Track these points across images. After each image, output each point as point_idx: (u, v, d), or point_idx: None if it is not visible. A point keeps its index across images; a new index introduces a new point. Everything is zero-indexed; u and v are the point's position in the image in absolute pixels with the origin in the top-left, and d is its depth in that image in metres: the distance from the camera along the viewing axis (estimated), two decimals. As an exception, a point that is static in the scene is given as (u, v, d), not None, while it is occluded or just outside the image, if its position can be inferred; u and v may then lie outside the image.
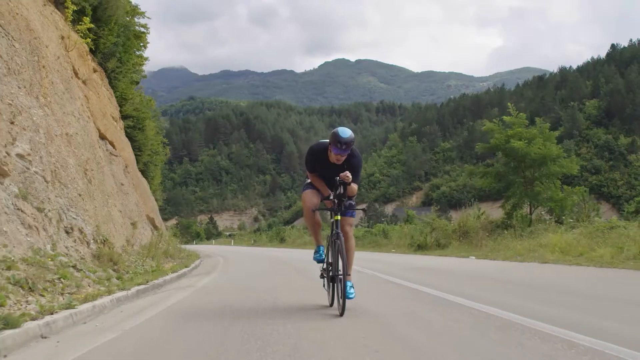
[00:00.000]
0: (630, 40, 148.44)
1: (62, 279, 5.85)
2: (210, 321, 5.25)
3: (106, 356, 3.88)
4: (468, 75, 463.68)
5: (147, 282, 8.12)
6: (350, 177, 5.55)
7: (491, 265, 14.07)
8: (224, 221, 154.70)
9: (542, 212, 23.21)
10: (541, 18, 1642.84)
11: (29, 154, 7.65)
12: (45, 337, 4.27)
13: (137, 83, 26.58)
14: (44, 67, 9.56)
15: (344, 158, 5.59)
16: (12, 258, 5.52)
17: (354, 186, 5.68)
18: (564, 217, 19.87)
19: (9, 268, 5.19)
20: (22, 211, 6.88)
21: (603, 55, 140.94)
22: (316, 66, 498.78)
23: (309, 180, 6.07)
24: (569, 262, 12.85)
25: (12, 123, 7.39)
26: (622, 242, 12.72)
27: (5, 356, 3.68)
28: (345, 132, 5.47)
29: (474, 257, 17.51)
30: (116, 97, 19.30)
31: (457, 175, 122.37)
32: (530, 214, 22.73)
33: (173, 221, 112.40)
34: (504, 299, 6.54)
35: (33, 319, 4.32)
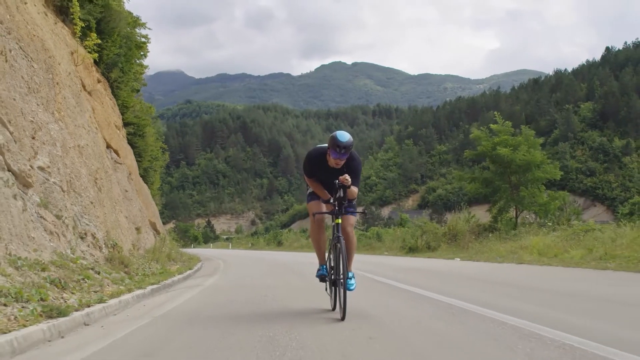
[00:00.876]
0: (625, 42, 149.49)
1: (85, 279, 6.63)
2: (222, 310, 6.48)
3: (148, 333, 4.92)
4: (464, 77, 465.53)
5: (159, 282, 8.99)
6: (350, 180, 5.49)
7: (472, 266, 15.00)
8: (221, 225, 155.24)
9: (527, 216, 24.16)
10: (537, 20, 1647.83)
11: (48, 166, 8.37)
12: (88, 325, 5.18)
13: (138, 91, 27.22)
14: (57, 83, 10.28)
15: (343, 162, 5.56)
16: (43, 261, 6.29)
17: (354, 189, 5.64)
18: (546, 221, 20.78)
19: (43, 269, 5.98)
20: (44, 219, 7.60)
21: (598, 57, 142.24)
22: (313, 69, 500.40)
23: (310, 190, 6.08)
24: (542, 262, 13.82)
25: (33, 138, 8.11)
26: (592, 245, 13.66)
27: (62, 337, 4.60)
28: (344, 136, 5.43)
29: (459, 259, 18.35)
30: (118, 105, 19.90)
31: (453, 178, 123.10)
32: (516, 217, 23.61)
33: (170, 225, 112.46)
34: (467, 293, 7.66)
35: (76, 310, 5.21)
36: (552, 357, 3.60)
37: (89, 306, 5.49)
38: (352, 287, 5.57)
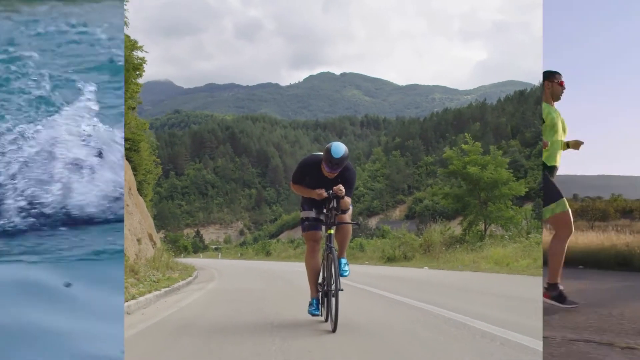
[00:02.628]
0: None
1: (112, 283, 8.10)
2: (229, 303, 8.48)
3: (183, 314, 6.73)
4: (453, 88, 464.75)
5: (169, 286, 10.60)
6: (344, 190, 5.38)
7: (434, 273, 16.70)
8: (209, 235, 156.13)
9: (494, 229, 26.09)
10: (524, 31, 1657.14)
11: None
12: (129, 314, 6.71)
13: (134, 108, 28.50)
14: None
15: (336, 174, 5.43)
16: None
17: (347, 200, 5.53)
18: (509, 234, 22.69)
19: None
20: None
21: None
22: (301, 79, 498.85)
23: (302, 215, 5.90)
24: (494, 270, 15.67)
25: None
26: (537, 255, 15.41)
27: None
28: (339, 150, 5.24)
29: (427, 268, 20.20)
30: (116, 123, 21.15)
31: (440, 189, 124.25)
32: (485, 230, 25.57)
33: (160, 235, 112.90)
34: (418, 294, 9.14)
35: (119, 304, 6.64)
36: (436, 323, 5.39)
37: (125, 301, 6.98)
38: (346, 274, 5.60)
